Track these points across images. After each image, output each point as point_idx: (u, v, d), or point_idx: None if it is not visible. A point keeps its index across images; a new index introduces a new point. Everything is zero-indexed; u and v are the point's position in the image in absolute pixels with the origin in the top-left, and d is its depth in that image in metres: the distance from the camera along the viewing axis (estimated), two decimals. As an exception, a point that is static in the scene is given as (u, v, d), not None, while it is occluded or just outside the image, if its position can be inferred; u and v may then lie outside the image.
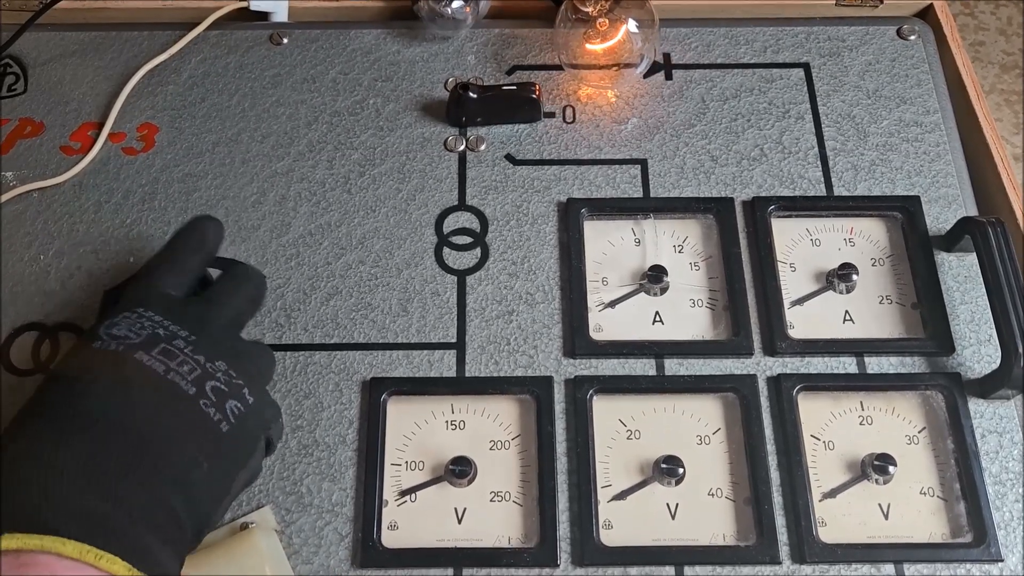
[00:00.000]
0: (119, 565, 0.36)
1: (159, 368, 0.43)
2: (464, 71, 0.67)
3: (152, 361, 0.43)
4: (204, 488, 0.42)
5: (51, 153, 0.64)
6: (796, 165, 0.62)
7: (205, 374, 0.44)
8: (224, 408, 0.44)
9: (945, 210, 0.61)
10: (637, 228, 0.60)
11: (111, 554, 0.36)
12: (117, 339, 0.44)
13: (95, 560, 0.36)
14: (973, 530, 0.51)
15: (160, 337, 0.44)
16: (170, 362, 0.43)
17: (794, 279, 0.58)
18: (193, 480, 0.42)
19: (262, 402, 0.46)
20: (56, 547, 0.36)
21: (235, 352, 0.46)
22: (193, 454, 0.42)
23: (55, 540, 0.36)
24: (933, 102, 0.65)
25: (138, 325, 0.45)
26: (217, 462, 0.43)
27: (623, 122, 0.65)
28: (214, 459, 0.43)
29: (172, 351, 0.44)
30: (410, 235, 0.60)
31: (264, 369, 0.49)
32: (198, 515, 0.42)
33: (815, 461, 0.53)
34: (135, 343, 0.44)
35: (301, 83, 0.66)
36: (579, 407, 0.54)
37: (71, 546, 0.36)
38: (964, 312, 0.57)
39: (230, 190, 0.62)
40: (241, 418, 0.44)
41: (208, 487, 0.43)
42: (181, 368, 0.43)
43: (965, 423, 0.53)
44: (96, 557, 0.36)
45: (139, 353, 0.43)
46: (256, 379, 0.47)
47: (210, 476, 0.43)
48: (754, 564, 0.50)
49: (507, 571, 0.50)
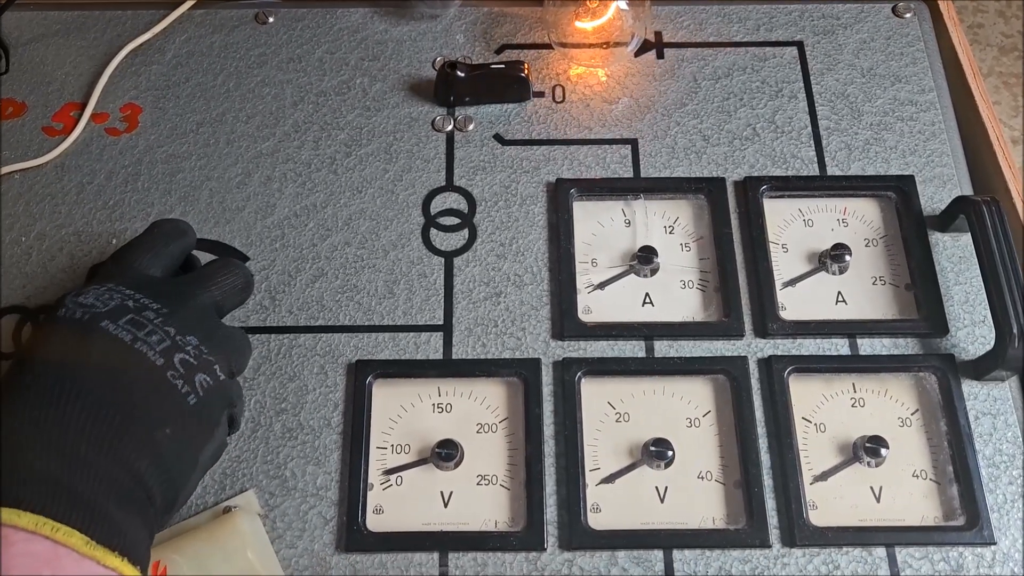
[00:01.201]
0: (76, 537, 0.35)
1: (125, 337, 0.42)
2: (452, 50, 0.66)
3: (118, 330, 0.42)
4: (171, 454, 0.41)
5: (33, 134, 0.63)
6: (789, 144, 0.62)
7: (174, 346, 0.43)
8: (193, 381, 0.43)
9: (940, 190, 0.60)
10: (627, 209, 0.60)
11: (68, 526, 0.35)
12: (83, 307, 0.43)
13: (51, 532, 0.35)
14: (966, 513, 0.50)
15: (128, 308, 0.44)
16: (138, 332, 0.43)
17: (786, 260, 0.58)
18: (159, 443, 0.41)
19: (230, 381, 0.46)
20: (12, 519, 0.35)
21: (209, 331, 0.45)
22: (158, 420, 0.41)
23: (10, 512, 0.35)
24: (928, 81, 0.64)
25: (107, 296, 0.44)
26: (183, 431, 0.42)
27: (613, 101, 0.64)
28: (180, 428, 0.42)
29: (141, 321, 0.43)
30: (397, 216, 0.59)
31: (238, 353, 0.48)
32: (167, 483, 0.41)
33: (806, 444, 0.52)
34: (101, 311, 0.43)
35: (287, 63, 0.66)
36: (567, 389, 0.53)
37: (26, 518, 0.35)
38: (958, 293, 0.56)
39: (214, 171, 0.61)
40: (209, 391, 0.44)
41: (175, 454, 0.42)
42: (149, 338, 0.43)
43: (959, 405, 0.53)
44: (52, 529, 0.35)
45: (105, 322, 0.43)
46: (228, 361, 0.46)
47: (176, 443, 0.42)
48: (744, 547, 0.49)
49: (494, 555, 0.49)
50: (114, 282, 0.46)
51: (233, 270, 0.50)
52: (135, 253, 0.48)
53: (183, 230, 0.51)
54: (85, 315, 0.43)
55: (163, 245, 0.49)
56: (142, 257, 0.48)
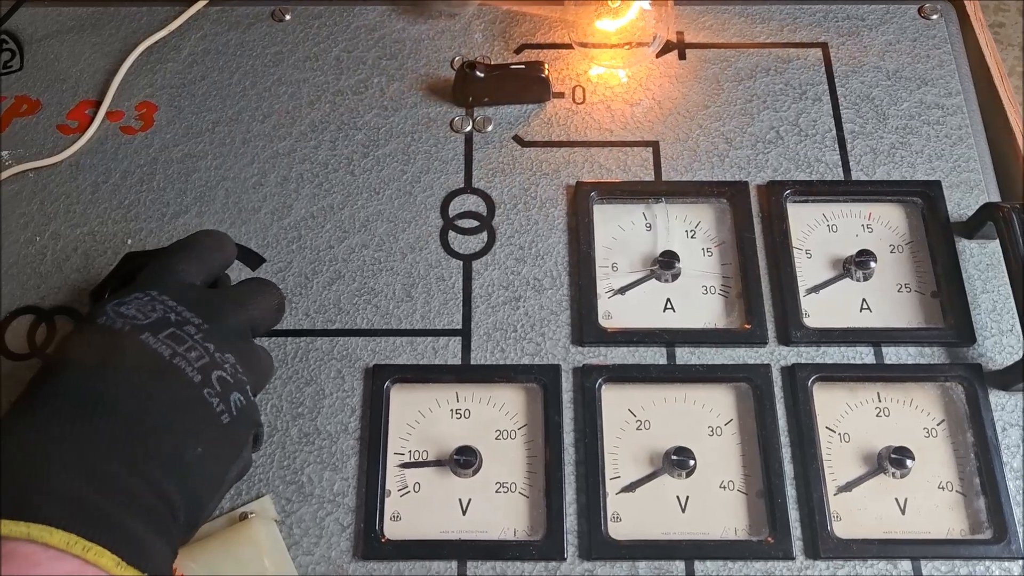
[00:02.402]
0: (107, 558, 0.35)
1: (164, 352, 0.41)
2: (471, 49, 0.65)
3: (158, 344, 0.41)
4: (200, 474, 0.41)
5: (47, 132, 0.62)
6: (813, 148, 0.61)
7: (212, 363, 0.42)
8: (228, 399, 0.42)
9: (967, 195, 0.59)
10: (648, 212, 0.59)
11: (100, 546, 0.35)
12: (124, 318, 0.42)
13: (82, 552, 0.35)
14: (993, 526, 0.49)
15: (170, 321, 0.43)
16: (177, 347, 0.42)
17: (810, 266, 0.57)
18: (188, 464, 0.40)
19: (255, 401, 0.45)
20: (43, 537, 0.34)
21: (245, 350, 0.45)
22: (189, 439, 0.40)
23: (42, 529, 0.34)
24: (955, 84, 0.63)
25: (149, 307, 0.43)
26: (213, 451, 0.41)
27: (634, 103, 0.63)
28: (211, 448, 0.41)
29: (181, 336, 0.42)
30: (415, 218, 0.59)
31: (265, 375, 0.47)
32: (193, 502, 0.41)
33: (830, 454, 0.51)
34: (142, 324, 0.42)
35: (303, 61, 0.65)
36: (587, 396, 0.52)
37: (58, 536, 0.34)
38: (986, 301, 0.55)
39: (230, 171, 0.60)
40: (241, 410, 0.43)
41: (203, 474, 0.41)
42: (188, 354, 0.42)
43: (985, 416, 0.52)
44: (84, 549, 0.35)
45: (145, 335, 0.42)
46: (258, 381, 0.45)
47: (206, 463, 0.41)
48: (766, 559, 0.48)
49: (512, 564, 0.49)
50: (156, 290, 0.44)
51: (270, 290, 0.49)
52: (178, 259, 0.47)
53: (225, 244, 0.50)
54: (125, 326, 0.42)
55: (206, 255, 0.48)
56: (185, 265, 0.47)
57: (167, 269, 0.46)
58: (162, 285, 0.45)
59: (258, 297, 0.48)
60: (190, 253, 0.48)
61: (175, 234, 0.58)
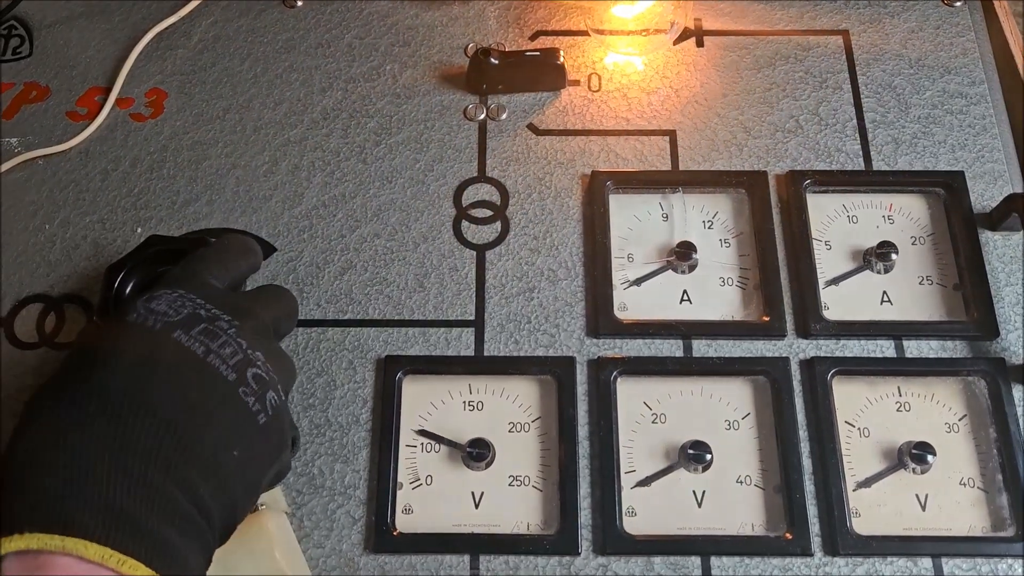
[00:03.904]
0: (142, 571, 0.34)
1: (198, 349, 0.40)
2: (485, 36, 0.64)
3: (191, 342, 0.40)
4: (236, 478, 0.40)
5: (57, 119, 0.62)
6: (833, 137, 0.59)
7: (247, 360, 0.41)
8: (264, 398, 0.41)
9: (991, 186, 0.58)
10: (665, 202, 0.58)
11: (135, 560, 0.34)
12: (155, 314, 0.41)
13: (117, 565, 0.34)
14: (1016, 523, 0.48)
15: (201, 317, 0.42)
16: (211, 343, 0.41)
17: (829, 258, 0.56)
18: (224, 468, 0.39)
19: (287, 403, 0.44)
20: (79, 550, 0.34)
21: (271, 350, 0.44)
22: (225, 441, 0.39)
23: (77, 542, 0.34)
24: (979, 72, 0.62)
25: (179, 303, 0.42)
26: (250, 453, 0.40)
27: (651, 91, 0.62)
28: (248, 450, 0.40)
29: (215, 332, 0.41)
30: (427, 207, 0.58)
31: (290, 378, 0.46)
32: (227, 508, 0.40)
33: (849, 449, 0.51)
34: (174, 321, 0.41)
35: (315, 48, 0.64)
36: (602, 389, 0.51)
37: (93, 549, 0.34)
38: (1009, 294, 0.54)
39: (241, 159, 0.60)
40: (278, 411, 0.42)
41: (240, 477, 0.40)
42: (223, 350, 0.41)
43: (1008, 411, 0.51)
44: (119, 562, 0.34)
45: (177, 332, 0.41)
46: (286, 383, 0.45)
47: (242, 466, 0.40)
48: (784, 556, 0.48)
49: (526, 558, 0.48)
50: (184, 288, 0.44)
51: (287, 294, 0.49)
52: (205, 262, 0.47)
53: (255, 250, 0.49)
54: (157, 323, 0.41)
55: (233, 260, 0.48)
56: (212, 268, 0.46)
57: (191, 270, 0.46)
58: (188, 284, 0.44)
59: (279, 300, 0.48)
60: (217, 257, 0.47)
61: (185, 222, 0.57)
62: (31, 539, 0.34)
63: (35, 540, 0.34)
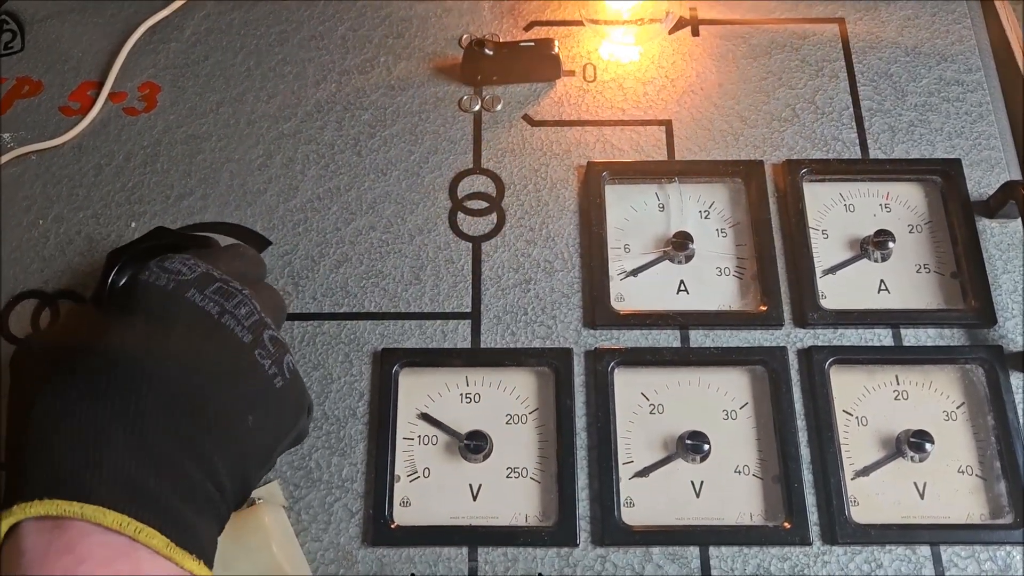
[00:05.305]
0: (158, 539, 0.35)
1: (213, 310, 0.40)
2: (479, 27, 0.64)
3: (205, 301, 0.40)
4: (251, 446, 0.40)
5: (50, 113, 0.61)
6: (830, 126, 0.59)
7: (263, 322, 0.41)
8: (281, 362, 0.41)
9: (987, 174, 0.57)
10: (661, 193, 0.58)
11: (151, 528, 0.35)
12: (168, 272, 0.41)
13: (135, 533, 0.34)
14: (1014, 511, 0.48)
15: (215, 277, 0.41)
16: (226, 303, 0.40)
17: (826, 247, 0.56)
18: (239, 437, 0.39)
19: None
20: (97, 517, 0.34)
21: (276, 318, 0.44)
22: (241, 407, 0.39)
23: (96, 510, 0.34)
24: (976, 59, 0.61)
25: (192, 263, 0.42)
26: (265, 419, 0.40)
27: (647, 81, 0.61)
28: (263, 415, 0.40)
29: (230, 292, 0.41)
30: (423, 200, 0.58)
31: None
32: (240, 475, 0.40)
33: (847, 438, 0.50)
34: (188, 279, 0.41)
35: (308, 40, 0.64)
36: (600, 380, 0.51)
37: (111, 516, 0.34)
38: (1007, 282, 0.54)
39: (235, 152, 0.59)
40: (294, 374, 0.42)
41: (255, 446, 0.40)
42: (239, 311, 0.40)
43: (1007, 398, 0.51)
44: (136, 530, 0.34)
45: (192, 291, 0.40)
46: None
47: (257, 433, 0.40)
48: (783, 545, 0.48)
49: (524, 550, 0.48)
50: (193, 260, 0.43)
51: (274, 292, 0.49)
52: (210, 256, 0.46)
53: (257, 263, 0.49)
54: (170, 283, 0.40)
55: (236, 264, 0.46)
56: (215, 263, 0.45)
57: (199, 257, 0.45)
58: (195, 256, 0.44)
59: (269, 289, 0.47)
60: (223, 254, 0.47)
61: (180, 217, 0.57)
62: (50, 505, 0.34)
63: (54, 507, 0.34)
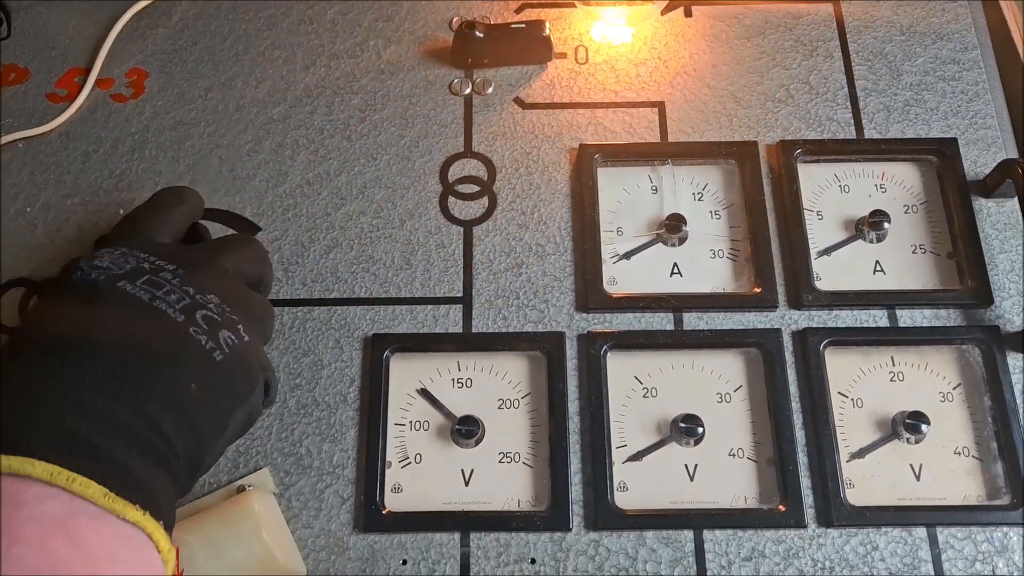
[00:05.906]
0: (93, 488, 0.33)
1: (144, 296, 0.40)
2: (470, 9, 0.63)
3: (136, 290, 0.41)
4: (198, 411, 0.39)
5: (37, 100, 0.61)
6: (824, 106, 0.59)
7: (195, 304, 0.41)
8: (217, 337, 0.41)
9: (984, 153, 0.57)
10: (654, 175, 0.57)
11: (85, 476, 0.33)
12: (98, 269, 0.42)
13: (67, 483, 0.33)
14: (1011, 491, 0.48)
15: (144, 270, 0.42)
16: (156, 291, 0.41)
17: (821, 228, 0.55)
18: (183, 400, 0.39)
19: (258, 344, 0.44)
20: (25, 468, 0.33)
21: (228, 291, 0.43)
22: (183, 376, 0.39)
23: (23, 461, 0.33)
24: (972, 38, 0.61)
25: (121, 259, 0.42)
26: (211, 389, 0.40)
27: (639, 63, 0.61)
28: (208, 385, 0.40)
29: (158, 282, 0.41)
30: (413, 184, 0.57)
31: (261, 319, 0.46)
32: (194, 441, 0.39)
33: (843, 420, 0.50)
34: (117, 273, 0.41)
35: (297, 24, 0.63)
36: (592, 364, 0.51)
37: (40, 467, 0.33)
38: (1003, 261, 0.54)
39: (224, 138, 0.59)
40: (237, 349, 0.41)
41: (203, 411, 0.40)
42: (168, 296, 0.41)
43: (1003, 379, 0.50)
44: (68, 479, 0.33)
45: (122, 282, 0.41)
46: (253, 323, 0.44)
47: (204, 401, 0.40)
48: (778, 528, 0.47)
49: (517, 535, 0.47)
50: (126, 246, 0.44)
51: (246, 238, 0.49)
52: (141, 219, 0.47)
53: (187, 196, 0.49)
54: (100, 276, 0.41)
55: (167, 211, 0.48)
56: (149, 223, 0.46)
57: (132, 229, 0.46)
58: (129, 242, 0.44)
59: (234, 245, 0.47)
60: (151, 212, 0.47)
61: (168, 203, 0.57)
62: None
63: None
